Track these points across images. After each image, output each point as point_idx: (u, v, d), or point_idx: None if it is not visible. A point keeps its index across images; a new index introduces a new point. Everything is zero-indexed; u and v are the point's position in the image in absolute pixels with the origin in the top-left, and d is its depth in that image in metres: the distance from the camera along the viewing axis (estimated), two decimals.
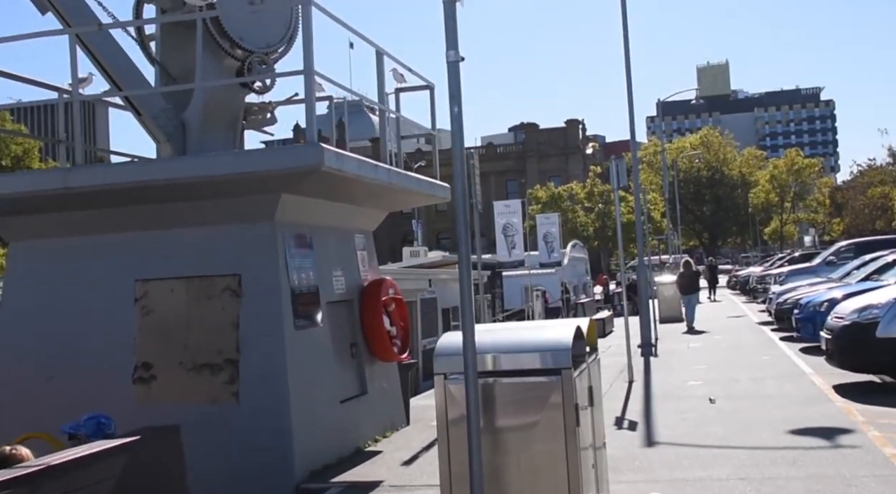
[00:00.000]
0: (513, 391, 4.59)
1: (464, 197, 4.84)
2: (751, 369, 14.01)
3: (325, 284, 8.79)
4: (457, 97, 4.67)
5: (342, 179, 7.93)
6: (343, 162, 7.65)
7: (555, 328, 4.83)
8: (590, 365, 5.19)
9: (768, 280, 28.17)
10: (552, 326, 5.14)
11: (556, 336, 4.62)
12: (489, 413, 4.53)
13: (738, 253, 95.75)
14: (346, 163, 7.72)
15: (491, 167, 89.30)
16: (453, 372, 4.60)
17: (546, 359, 4.49)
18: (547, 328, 5.12)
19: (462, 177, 4.78)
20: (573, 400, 4.50)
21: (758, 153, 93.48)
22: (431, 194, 10.47)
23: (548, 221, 37.14)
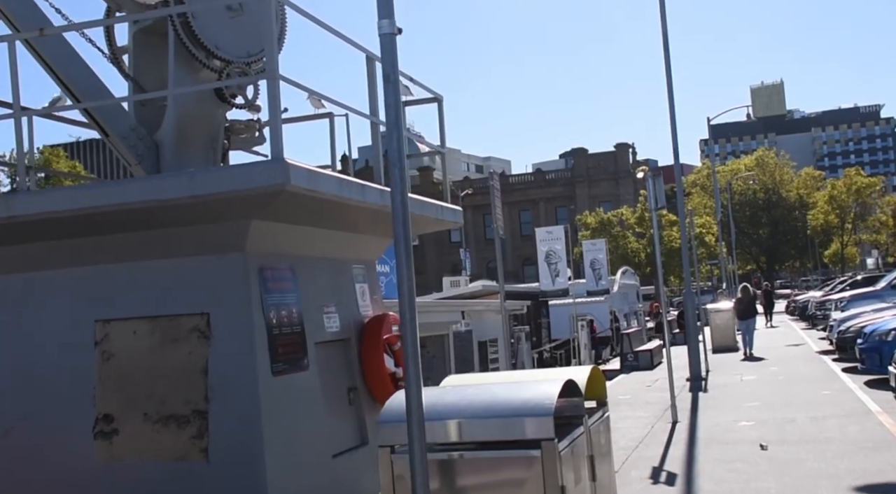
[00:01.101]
0: (481, 469, 3.52)
1: (404, 211, 3.83)
2: (810, 407, 12.64)
3: (312, 322, 7.76)
4: (393, 78, 3.69)
5: (322, 202, 6.93)
6: (318, 181, 6.64)
7: (539, 385, 3.75)
8: (591, 428, 4.09)
9: (829, 305, 26.51)
10: (537, 382, 4.04)
11: (536, 396, 3.55)
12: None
13: (797, 277, 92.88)
14: (321, 182, 6.70)
15: (540, 194, 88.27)
16: (404, 444, 3.54)
17: (522, 428, 3.43)
18: (530, 384, 4.02)
19: (399, 184, 3.78)
20: (557, 480, 3.41)
21: (815, 173, 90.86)
22: (440, 219, 9.39)
23: (594, 247, 35.85)
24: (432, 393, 3.85)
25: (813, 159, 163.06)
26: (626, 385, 18.68)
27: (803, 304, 36.69)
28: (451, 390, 3.72)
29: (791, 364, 19.66)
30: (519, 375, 4.52)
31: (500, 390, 3.94)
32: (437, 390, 3.57)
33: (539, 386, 3.68)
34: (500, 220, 11.54)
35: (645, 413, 13.52)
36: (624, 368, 22.25)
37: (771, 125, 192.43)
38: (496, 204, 11.53)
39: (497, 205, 11.53)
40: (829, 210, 79.80)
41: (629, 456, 9.82)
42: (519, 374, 4.55)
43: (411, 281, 3.95)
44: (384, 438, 3.60)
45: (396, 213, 4.01)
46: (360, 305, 8.84)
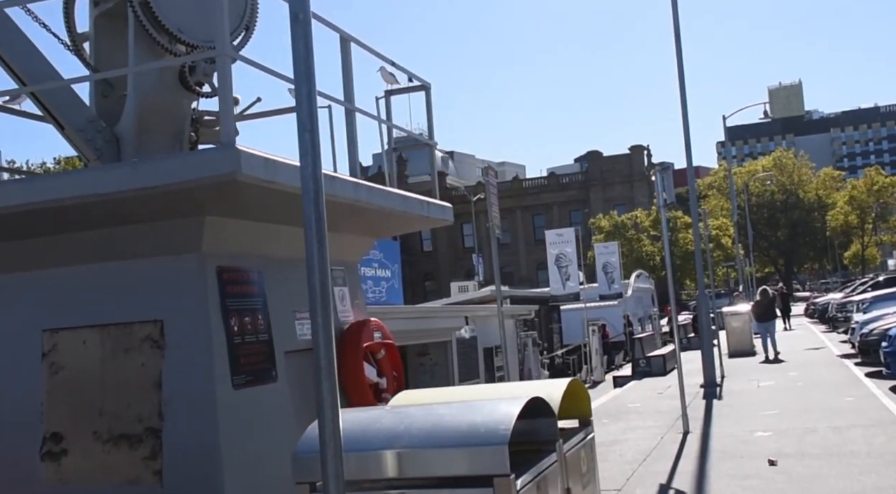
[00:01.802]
0: None
1: (316, 189, 3.19)
2: (832, 415, 11.86)
3: (282, 329, 7.10)
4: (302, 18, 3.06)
5: (285, 196, 6.26)
6: (276, 171, 5.97)
7: (497, 405, 3.07)
8: (567, 454, 3.38)
9: (850, 307, 25.63)
10: (496, 401, 3.30)
11: (489, 420, 2.88)
12: None
13: (815, 279, 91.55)
14: (280, 172, 6.03)
15: (554, 198, 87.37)
16: None
17: (470, 461, 2.76)
18: (486, 405, 3.28)
19: (311, 152, 3.13)
20: None
21: (835, 174, 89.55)
22: (426, 216, 8.70)
23: (607, 250, 35.16)
24: (363, 417, 3.18)
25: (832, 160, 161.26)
26: (638, 392, 17.92)
27: (823, 306, 35.75)
28: (387, 413, 3.07)
29: (811, 368, 18.84)
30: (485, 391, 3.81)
31: (448, 412, 3.24)
32: (372, 412, 2.93)
33: (496, 407, 2.99)
34: (496, 219, 10.85)
35: (655, 422, 12.78)
36: (636, 374, 21.48)
37: (789, 126, 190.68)
38: (492, 201, 10.84)
39: (493, 203, 10.84)
40: (848, 210, 78.51)
41: (635, 471, 9.10)
42: (486, 390, 3.85)
43: (325, 276, 3.34)
44: (301, 473, 2.94)
45: (307, 191, 3.39)
46: (340, 310, 8.18)
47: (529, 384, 3.54)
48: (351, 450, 2.85)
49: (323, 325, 3.29)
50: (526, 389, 3.49)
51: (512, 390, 3.64)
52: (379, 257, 17.10)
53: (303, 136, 3.35)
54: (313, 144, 3.39)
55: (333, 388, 3.09)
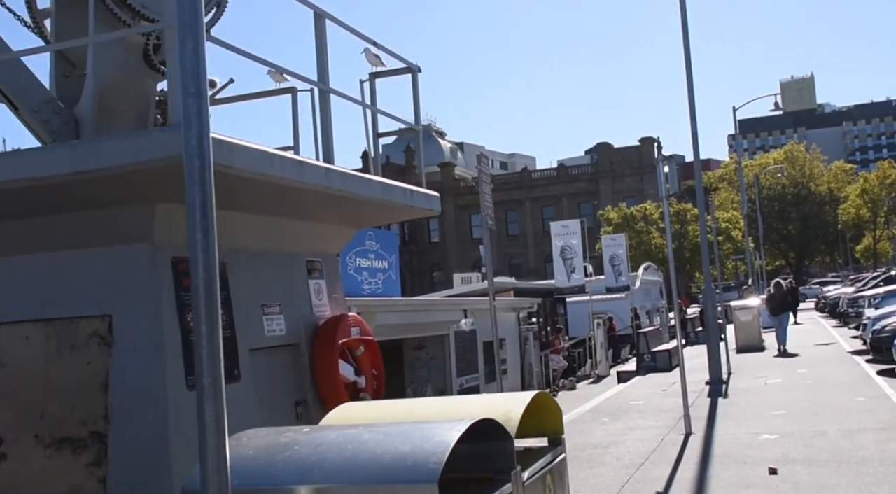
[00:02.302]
0: None
1: (202, 164, 2.67)
2: (842, 416, 11.29)
3: (247, 325, 6.57)
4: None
5: (244, 182, 5.73)
6: (232, 154, 5.42)
7: (433, 430, 2.52)
8: (528, 484, 2.84)
9: (861, 302, 24.99)
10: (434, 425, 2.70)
11: (418, 451, 2.34)
12: None
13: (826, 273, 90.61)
14: (236, 156, 5.49)
15: (563, 189, 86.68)
16: None
17: None
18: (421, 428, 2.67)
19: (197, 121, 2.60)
20: None
21: (847, 167, 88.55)
22: (409, 205, 8.14)
23: (614, 243, 34.57)
24: (273, 443, 2.64)
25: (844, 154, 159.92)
26: (641, 388, 17.37)
27: (834, 301, 35.07)
28: (303, 437, 2.55)
29: (821, 365, 18.23)
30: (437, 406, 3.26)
31: (372, 439, 2.67)
32: (286, 437, 2.39)
33: (430, 433, 2.45)
34: (489, 209, 10.28)
35: (656, 422, 12.23)
36: (640, 370, 20.90)
37: (801, 119, 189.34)
38: (484, 190, 10.28)
39: (486, 192, 10.28)
40: (860, 204, 77.56)
41: (631, 477, 8.55)
42: (439, 405, 3.29)
43: (211, 271, 2.80)
44: None
45: (191, 167, 2.86)
46: (315, 305, 7.64)
47: (491, 398, 3.02)
48: (251, 486, 2.33)
49: (208, 334, 2.75)
50: (483, 405, 2.95)
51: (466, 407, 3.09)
52: (376, 248, 16.54)
53: (187, 102, 2.80)
54: (200, 111, 2.83)
55: (219, 411, 2.54)
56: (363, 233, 16.68)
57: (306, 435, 2.64)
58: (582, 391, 20.30)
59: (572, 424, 13.19)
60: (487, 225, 10.07)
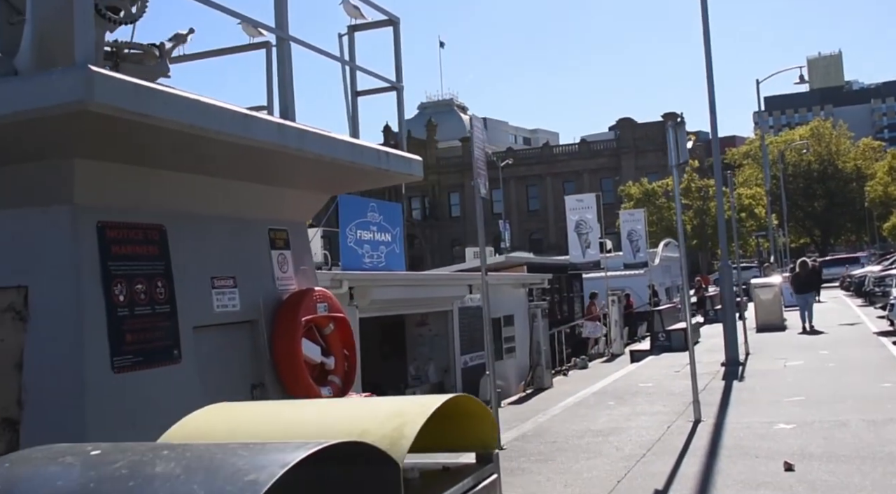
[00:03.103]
0: None
1: None
2: (866, 404, 10.46)
3: (192, 299, 5.84)
4: None
5: (175, 135, 4.96)
6: (150, 101, 4.65)
7: (255, 459, 1.75)
8: None
9: (889, 281, 23.98)
10: (270, 452, 1.94)
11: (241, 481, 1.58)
12: None
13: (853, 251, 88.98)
14: (157, 103, 4.71)
15: (585, 165, 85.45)
16: None
17: None
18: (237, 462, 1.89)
19: None
20: None
21: (874, 144, 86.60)
22: (384, 169, 7.35)
23: (632, 218, 33.63)
24: (31, 474, 1.89)
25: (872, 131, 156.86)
26: (652, 369, 16.57)
27: (859, 280, 33.99)
28: (79, 463, 1.81)
29: (844, 347, 17.35)
30: (323, 411, 2.48)
31: (166, 471, 1.90)
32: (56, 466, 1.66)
33: (248, 467, 1.69)
34: (482, 176, 9.46)
35: (665, 407, 11.45)
36: (654, 349, 20.10)
37: (828, 96, 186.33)
38: (477, 156, 9.45)
39: (479, 158, 9.46)
40: (888, 181, 75.81)
41: (629, 471, 7.79)
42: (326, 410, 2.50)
43: None
44: None
45: None
46: (278, 278, 6.90)
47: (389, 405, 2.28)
48: None
49: None
50: (370, 415, 2.20)
51: (349, 416, 2.32)
52: (378, 220, 15.74)
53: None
54: None
55: None
56: (365, 204, 15.94)
57: (88, 459, 1.90)
58: (593, 370, 19.56)
59: (575, 407, 12.45)
60: (480, 193, 9.27)
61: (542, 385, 16.89)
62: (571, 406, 12.57)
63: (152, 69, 7.00)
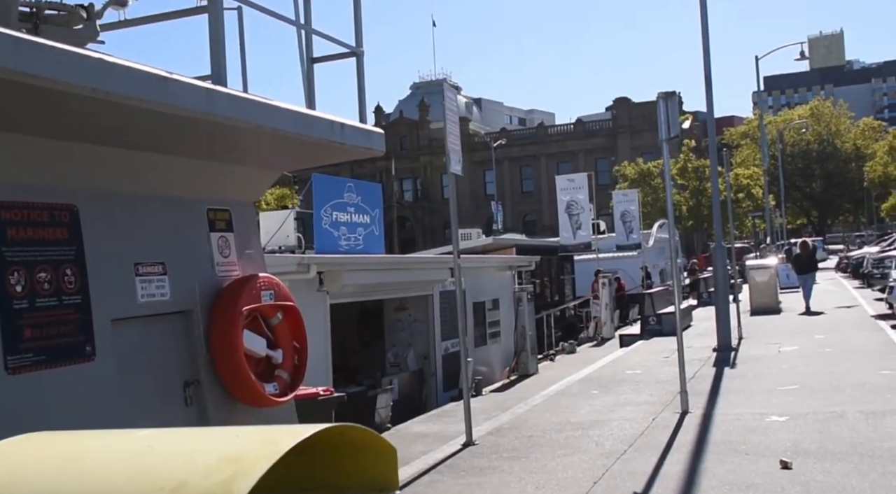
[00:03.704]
0: None
1: None
2: (864, 394, 9.87)
3: (109, 289, 5.22)
4: None
5: (76, 100, 4.31)
6: (35, 59, 3.99)
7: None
8: None
9: (888, 263, 23.37)
10: None
11: None
12: None
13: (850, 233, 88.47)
14: (45, 61, 4.04)
15: (580, 145, 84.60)
16: None
17: None
18: None
19: None
20: None
21: (874, 123, 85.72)
22: (338, 142, 6.68)
23: (626, 198, 32.98)
24: None
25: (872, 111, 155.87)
26: (641, 355, 15.97)
27: (857, 261, 33.39)
28: None
29: (841, 331, 16.76)
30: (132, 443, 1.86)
31: None
32: None
33: None
34: (455, 149, 8.80)
35: (651, 396, 10.85)
36: (644, 333, 19.50)
37: (828, 76, 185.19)
38: (450, 129, 8.80)
39: (451, 132, 8.80)
40: (888, 161, 75.06)
41: (608, 471, 7.18)
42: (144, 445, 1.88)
43: None
44: None
45: None
46: (218, 263, 6.27)
47: (233, 438, 1.70)
48: None
49: None
50: (203, 454, 1.58)
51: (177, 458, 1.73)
52: (356, 201, 15.07)
53: None
54: None
55: None
56: (341, 184, 15.30)
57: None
58: (581, 355, 18.99)
59: (557, 396, 11.85)
60: (453, 169, 8.61)
61: (526, 371, 16.33)
62: (553, 395, 11.97)
63: (78, 33, 6.30)
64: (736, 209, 61.88)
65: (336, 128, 6.55)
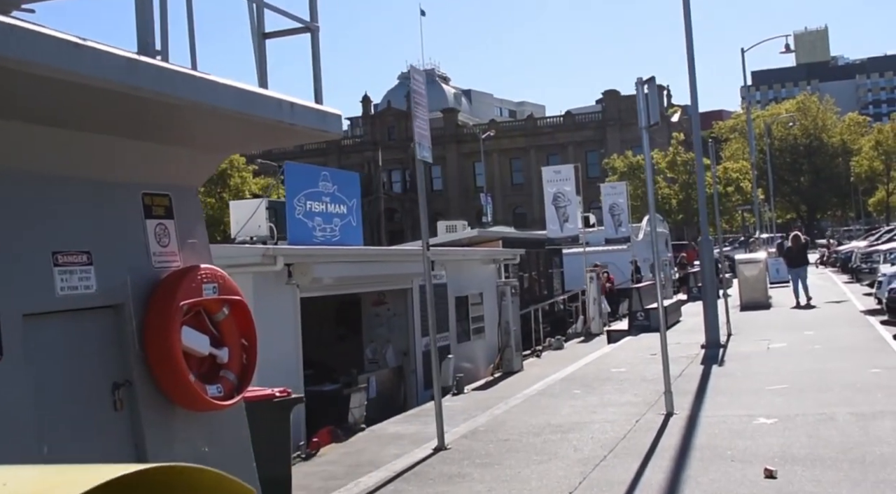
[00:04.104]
0: None
1: None
2: (854, 395, 9.39)
3: (24, 280, 4.68)
4: None
5: None
6: None
7: None
8: None
9: (877, 257, 22.95)
10: None
11: None
12: None
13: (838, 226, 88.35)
14: None
15: (570, 137, 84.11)
16: None
17: None
18: None
19: None
20: None
21: (860, 119, 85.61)
22: (288, 123, 6.14)
23: (614, 191, 32.58)
24: None
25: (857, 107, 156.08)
26: (627, 352, 15.49)
27: (846, 255, 33.00)
28: None
29: (831, 327, 16.32)
30: None
31: None
32: None
33: None
34: (423, 137, 8.24)
35: (635, 396, 10.36)
36: (632, 329, 19.01)
37: (814, 71, 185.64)
38: (417, 114, 8.23)
39: (419, 116, 8.23)
40: (874, 156, 74.91)
41: (585, 479, 6.67)
42: None
43: None
44: None
45: None
46: (155, 253, 5.70)
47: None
48: None
49: None
50: None
51: None
52: (332, 190, 14.48)
53: None
54: None
55: None
56: (316, 172, 14.73)
57: None
58: (568, 351, 18.51)
59: (539, 396, 11.34)
60: (421, 155, 8.07)
61: (511, 368, 15.82)
62: (535, 394, 11.46)
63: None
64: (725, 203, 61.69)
65: (285, 108, 5.98)
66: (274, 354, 11.60)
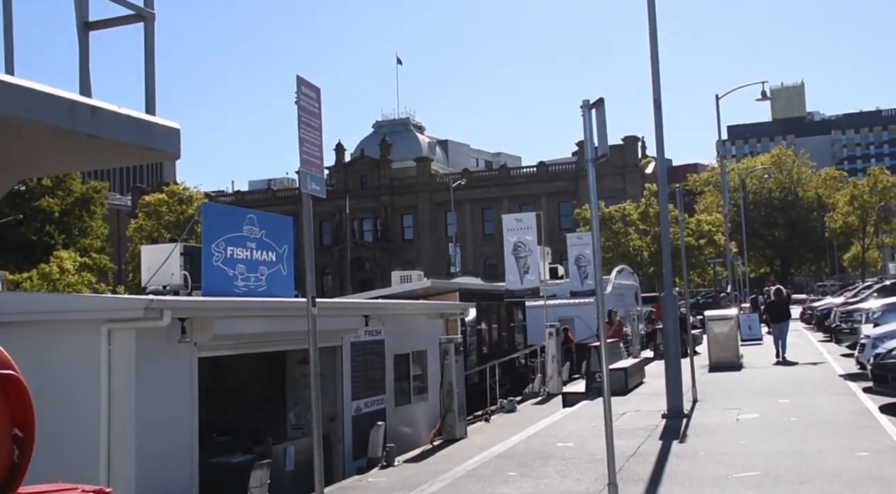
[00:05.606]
0: None
1: None
2: (840, 489, 7.79)
3: None
4: None
5: None
6: None
7: None
8: None
9: (857, 316, 21.51)
10: None
11: None
12: None
13: (813, 281, 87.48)
14: None
15: (543, 188, 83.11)
16: None
17: None
18: None
19: None
20: None
21: (836, 173, 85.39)
22: (91, 133, 4.53)
23: (580, 242, 31.03)
24: None
25: (833, 162, 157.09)
26: (581, 420, 13.85)
27: (823, 312, 31.60)
28: None
29: (809, 394, 14.79)
30: None
31: None
32: None
33: None
34: (311, 165, 6.62)
35: (578, 483, 8.71)
36: (590, 392, 17.39)
37: (790, 127, 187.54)
38: (305, 135, 6.60)
39: (311, 140, 6.63)
40: (849, 211, 74.36)
41: None
42: None
43: None
44: None
45: None
46: None
47: None
48: None
49: None
50: None
51: None
52: (258, 235, 12.85)
53: None
54: None
55: None
56: (240, 215, 13.06)
57: None
58: (521, 414, 16.87)
59: (466, 479, 9.65)
60: (308, 188, 6.49)
61: (452, 435, 14.14)
62: (462, 476, 9.78)
63: None
64: (699, 256, 60.67)
65: (81, 113, 4.39)
66: (163, 420, 9.93)
